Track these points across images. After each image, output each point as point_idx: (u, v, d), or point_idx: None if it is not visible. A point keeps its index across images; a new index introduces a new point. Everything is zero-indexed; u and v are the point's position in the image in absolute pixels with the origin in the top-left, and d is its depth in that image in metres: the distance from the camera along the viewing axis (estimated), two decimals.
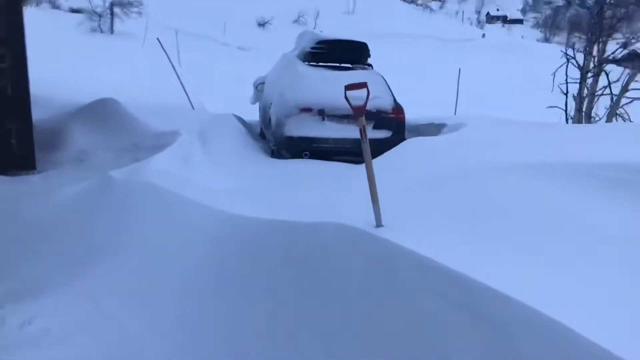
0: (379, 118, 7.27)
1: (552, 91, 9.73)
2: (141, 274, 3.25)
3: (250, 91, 10.98)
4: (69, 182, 5.32)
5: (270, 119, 7.96)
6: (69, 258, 3.51)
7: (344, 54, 8.50)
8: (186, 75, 13.87)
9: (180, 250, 3.43)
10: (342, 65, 8.55)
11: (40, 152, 6.35)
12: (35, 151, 6.22)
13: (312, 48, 8.35)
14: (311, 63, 8.33)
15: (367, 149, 3.26)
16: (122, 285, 3.19)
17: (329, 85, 7.51)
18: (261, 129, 9.60)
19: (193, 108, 10.60)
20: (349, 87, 3.31)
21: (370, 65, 8.72)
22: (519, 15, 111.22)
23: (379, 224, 3.31)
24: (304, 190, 5.20)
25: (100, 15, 30.55)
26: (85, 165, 5.91)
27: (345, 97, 3.32)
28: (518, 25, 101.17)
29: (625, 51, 11.53)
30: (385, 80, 7.84)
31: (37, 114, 7.90)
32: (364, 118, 3.26)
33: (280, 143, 7.44)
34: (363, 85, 3.27)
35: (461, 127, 6.94)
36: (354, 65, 8.58)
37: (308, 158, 7.15)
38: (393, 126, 7.41)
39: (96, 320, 2.93)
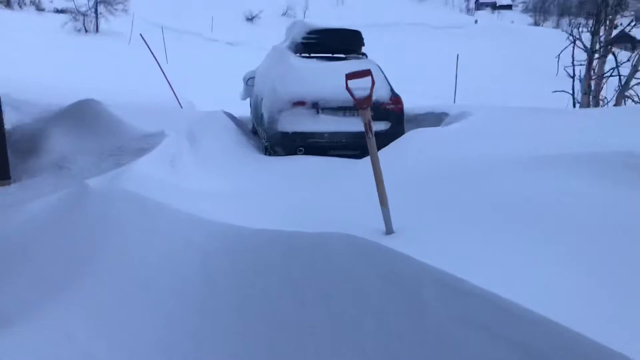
0: (376, 109, 6.83)
1: (556, 74, 9.31)
2: (122, 299, 2.85)
3: (240, 87, 10.57)
4: (45, 192, 4.91)
5: (262, 115, 7.59)
6: (40, 283, 3.10)
7: (337, 43, 8.12)
8: (173, 72, 13.39)
9: (165, 268, 3.02)
10: (336, 55, 8.18)
11: (17, 160, 5.92)
12: (11, 159, 5.80)
13: (304, 38, 7.98)
14: (303, 54, 7.94)
15: (373, 144, 2.87)
16: (100, 313, 2.78)
17: (322, 76, 7.21)
18: (253, 125, 9.24)
19: (181, 107, 10.17)
20: (351, 76, 2.90)
21: (364, 54, 8.34)
22: (508, 1, 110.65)
23: (389, 231, 2.92)
24: (301, 191, 4.81)
25: (84, 15, 29.91)
26: (64, 173, 5.48)
27: (347, 88, 2.92)
28: (508, 11, 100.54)
29: (616, 33, 11.15)
30: (381, 69, 7.48)
31: (15, 119, 7.49)
32: (369, 111, 2.86)
33: (273, 139, 7.08)
34: (366, 72, 2.87)
35: (466, 117, 6.53)
36: (348, 55, 8.20)
37: (303, 154, 6.80)
38: (392, 117, 7.09)
39: (70, 357, 2.53)
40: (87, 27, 29.60)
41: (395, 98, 7.17)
